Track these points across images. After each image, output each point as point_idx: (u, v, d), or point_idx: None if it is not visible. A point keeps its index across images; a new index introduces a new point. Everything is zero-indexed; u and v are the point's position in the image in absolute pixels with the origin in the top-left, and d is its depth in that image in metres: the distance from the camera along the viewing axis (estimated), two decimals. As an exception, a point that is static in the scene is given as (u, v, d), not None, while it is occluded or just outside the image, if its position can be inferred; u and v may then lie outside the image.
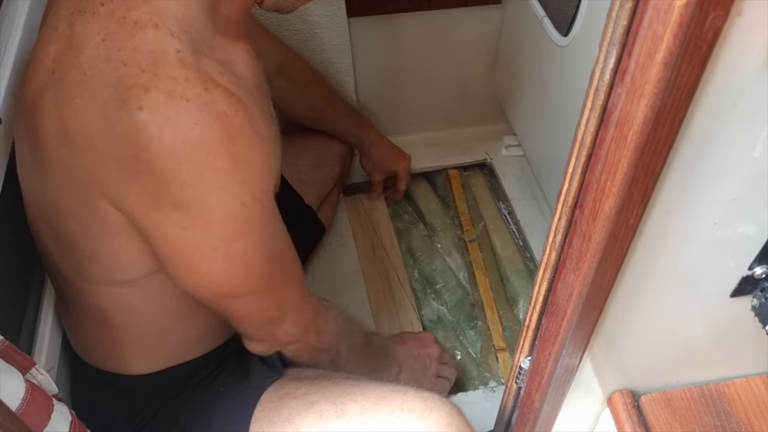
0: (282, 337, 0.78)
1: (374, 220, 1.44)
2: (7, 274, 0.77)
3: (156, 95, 0.56)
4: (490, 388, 1.18)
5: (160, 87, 0.56)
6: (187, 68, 0.58)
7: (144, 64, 0.57)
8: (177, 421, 0.82)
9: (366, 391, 0.79)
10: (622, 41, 0.40)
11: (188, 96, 0.57)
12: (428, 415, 0.75)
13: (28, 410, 0.53)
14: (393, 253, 1.38)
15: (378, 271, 1.35)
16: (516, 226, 1.42)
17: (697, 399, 0.65)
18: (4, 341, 0.56)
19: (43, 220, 0.70)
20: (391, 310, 1.29)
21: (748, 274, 0.52)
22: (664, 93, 0.37)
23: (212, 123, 0.58)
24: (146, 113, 0.56)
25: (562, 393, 0.64)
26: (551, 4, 1.12)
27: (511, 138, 1.50)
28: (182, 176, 0.58)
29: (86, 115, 0.58)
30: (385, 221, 1.44)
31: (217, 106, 0.58)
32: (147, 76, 0.56)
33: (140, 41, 0.58)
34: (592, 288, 0.50)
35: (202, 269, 0.65)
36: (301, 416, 0.77)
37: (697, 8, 0.33)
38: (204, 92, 0.58)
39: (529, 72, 1.24)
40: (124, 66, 0.57)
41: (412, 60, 1.39)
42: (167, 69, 0.57)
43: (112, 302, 0.74)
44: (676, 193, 0.45)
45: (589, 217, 0.46)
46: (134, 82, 0.56)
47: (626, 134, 0.40)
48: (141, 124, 0.56)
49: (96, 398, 0.84)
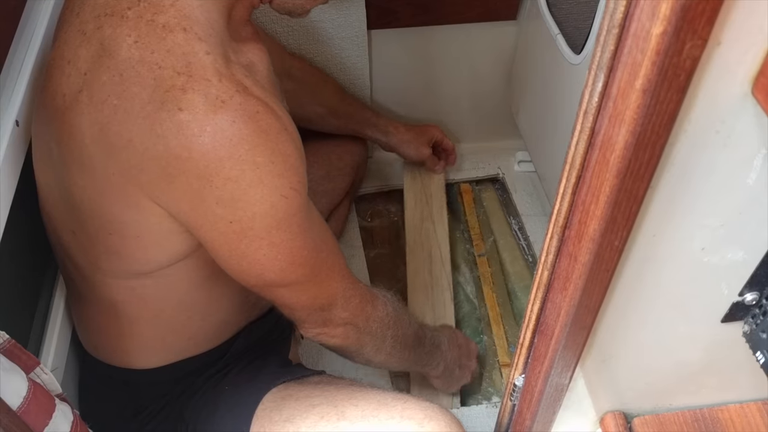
0: (334, 320, 0.79)
1: (428, 192, 1.42)
2: (19, 274, 0.79)
3: (194, 96, 0.59)
4: (493, 404, 1.18)
5: (197, 89, 0.60)
6: (219, 71, 0.61)
7: (178, 66, 0.60)
8: (181, 417, 0.84)
9: (368, 396, 0.79)
10: (609, 65, 0.41)
11: (223, 97, 0.60)
12: (428, 423, 0.76)
13: (30, 409, 0.54)
14: (441, 229, 1.36)
15: (422, 244, 1.33)
16: (526, 242, 1.42)
17: (690, 423, 0.64)
18: (10, 340, 0.57)
19: (64, 216, 0.72)
20: (427, 285, 1.28)
21: (739, 300, 0.52)
22: (644, 119, 0.37)
23: (247, 121, 0.61)
24: (186, 114, 0.59)
25: (552, 412, 0.64)
26: (567, 21, 1.12)
27: (524, 154, 1.50)
28: (225, 172, 0.61)
29: (125, 116, 0.61)
30: (439, 194, 1.41)
31: (249, 106, 0.62)
32: (183, 78, 0.60)
33: (172, 44, 0.61)
34: (579, 309, 0.50)
35: (250, 258, 0.68)
36: (302, 417, 0.78)
37: (674, 37, 0.34)
38: (237, 94, 0.61)
39: (541, 89, 1.25)
40: (159, 68, 0.60)
41: (427, 73, 1.41)
42: (200, 71, 0.60)
43: (127, 295, 0.76)
44: (662, 217, 0.45)
45: (575, 239, 0.47)
46: (171, 84, 0.59)
47: (609, 158, 0.40)
48: (182, 124, 0.59)
49: (103, 393, 0.86)
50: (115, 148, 0.62)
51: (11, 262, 0.76)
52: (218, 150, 0.60)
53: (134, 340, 0.81)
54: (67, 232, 0.74)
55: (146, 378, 0.83)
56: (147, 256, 0.71)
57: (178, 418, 0.84)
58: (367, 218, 1.48)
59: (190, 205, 0.64)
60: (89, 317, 0.82)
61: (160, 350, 0.82)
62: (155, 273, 0.73)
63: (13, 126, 0.73)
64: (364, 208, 1.50)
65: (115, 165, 0.63)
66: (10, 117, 0.74)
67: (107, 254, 0.71)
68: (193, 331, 0.83)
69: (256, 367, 0.87)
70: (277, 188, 0.64)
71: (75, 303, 0.84)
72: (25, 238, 0.80)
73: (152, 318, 0.79)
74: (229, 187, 0.62)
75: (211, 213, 0.64)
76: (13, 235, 0.72)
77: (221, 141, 0.60)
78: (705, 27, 0.33)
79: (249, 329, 0.90)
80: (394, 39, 1.31)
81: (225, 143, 0.60)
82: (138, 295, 0.76)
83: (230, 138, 0.60)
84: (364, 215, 1.49)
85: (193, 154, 0.60)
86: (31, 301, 0.81)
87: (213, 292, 0.80)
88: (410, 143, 1.35)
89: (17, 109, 0.74)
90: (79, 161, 0.65)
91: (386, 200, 1.51)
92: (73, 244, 0.74)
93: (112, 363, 0.83)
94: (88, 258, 0.73)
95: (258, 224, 0.65)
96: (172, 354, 0.83)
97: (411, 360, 0.94)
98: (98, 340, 0.84)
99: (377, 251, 1.43)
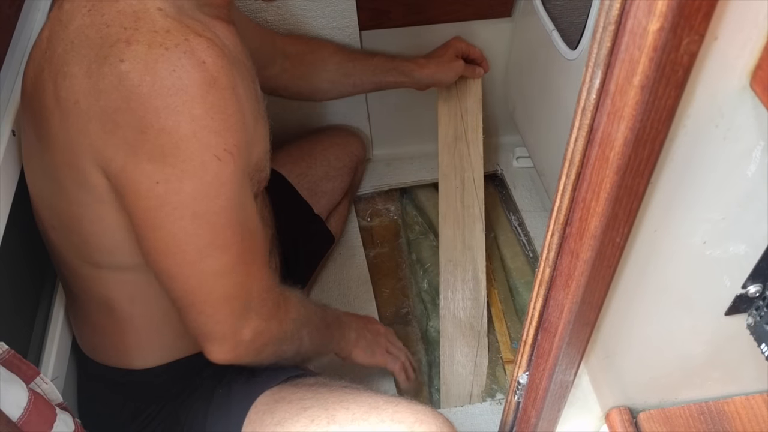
0: (245, 332, 0.73)
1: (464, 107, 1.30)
2: (18, 283, 0.79)
3: (137, 47, 0.59)
4: (497, 401, 1.18)
5: (141, 39, 0.59)
6: (169, 21, 0.61)
7: (126, 22, 0.60)
8: (177, 419, 0.84)
9: (359, 399, 0.79)
10: (606, 62, 0.40)
11: (167, 45, 0.59)
12: (418, 426, 0.75)
13: (30, 419, 0.54)
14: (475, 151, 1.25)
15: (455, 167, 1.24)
16: (526, 237, 1.42)
17: (696, 417, 0.64)
18: (9, 350, 0.57)
19: (46, 209, 0.73)
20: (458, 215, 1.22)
21: (742, 293, 0.52)
22: (642, 115, 0.37)
23: (190, 70, 0.59)
24: (127, 64, 0.58)
25: (557, 409, 0.64)
26: (562, 17, 1.12)
27: (522, 150, 1.49)
28: (160, 122, 0.59)
29: (73, 79, 0.61)
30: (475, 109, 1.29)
31: (197, 54, 0.60)
32: (129, 32, 0.59)
33: (124, 4, 0.61)
34: (582, 305, 0.50)
35: (166, 230, 0.64)
36: (293, 420, 0.77)
37: (671, 33, 0.33)
38: (184, 41, 0.60)
39: (538, 85, 1.24)
40: (107, 27, 0.60)
41: (423, 72, 1.40)
42: (148, 24, 0.60)
43: (117, 290, 0.76)
44: (663, 212, 0.45)
45: (577, 236, 0.47)
46: (117, 38, 0.59)
47: (608, 155, 0.40)
48: (123, 74, 0.58)
49: (102, 397, 0.86)
50: (66, 115, 0.61)
51: (10, 272, 0.76)
52: (154, 98, 0.58)
53: (130, 339, 0.81)
54: (50, 229, 0.74)
55: (144, 378, 0.83)
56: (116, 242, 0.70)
57: (174, 420, 0.84)
58: (366, 218, 1.48)
59: (122, 163, 0.61)
60: (85, 317, 0.82)
61: (156, 348, 0.83)
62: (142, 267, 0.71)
63: (10, 135, 0.73)
64: (363, 208, 1.50)
65: (66, 135, 0.62)
66: (6, 126, 0.73)
67: (83, 243, 0.71)
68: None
69: (251, 369, 0.86)
70: (211, 146, 0.61)
71: (71, 305, 0.84)
72: (23, 248, 0.79)
73: (145, 315, 0.79)
74: (161, 140, 0.59)
75: (140, 171, 0.61)
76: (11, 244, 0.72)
77: (159, 89, 0.58)
78: (702, 22, 0.33)
79: None
80: (387, 39, 1.30)
81: (162, 92, 0.58)
82: (129, 291, 0.76)
83: (168, 87, 0.58)
84: (363, 215, 1.48)
85: (131, 104, 0.59)
86: (30, 311, 0.81)
87: None
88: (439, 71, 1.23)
89: (13, 117, 0.74)
90: (46, 140, 0.65)
91: (385, 200, 1.51)
92: (58, 241, 0.74)
93: (109, 364, 0.83)
94: (70, 252, 0.74)
95: (185, 186, 0.62)
96: (168, 352, 0.83)
97: (328, 341, 0.92)
98: (95, 340, 0.84)
99: (377, 251, 1.43)
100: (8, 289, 0.76)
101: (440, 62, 1.24)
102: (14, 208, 0.72)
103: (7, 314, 0.75)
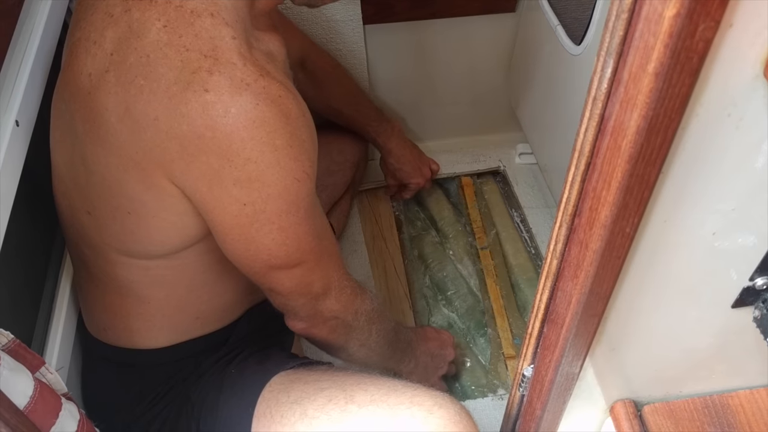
0: (324, 313, 0.81)
1: (377, 212, 1.48)
2: (23, 273, 0.79)
3: (220, 78, 0.61)
4: (498, 396, 1.18)
5: (223, 71, 0.62)
6: (244, 56, 0.64)
7: (205, 49, 0.62)
8: (188, 399, 0.84)
9: (377, 382, 0.80)
10: (618, 51, 0.40)
11: (248, 80, 0.63)
12: (437, 410, 0.76)
13: (36, 408, 0.54)
14: (392, 244, 1.41)
15: (376, 260, 1.39)
16: (528, 234, 1.42)
17: (701, 410, 0.64)
18: (15, 340, 0.57)
19: (82, 195, 0.74)
20: (385, 299, 1.32)
21: (749, 285, 0.52)
22: (656, 103, 0.37)
23: (270, 105, 0.63)
24: (212, 95, 0.61)
25: (563, 401, 0.64)
26: (566, 12, 1.12)
27: (525, 146, 1.49)
28: (246, 153, 0.63)
29: (151, 96, 0.62)
30: (387, 213, 1.47)
31: (272, 90, 0.64)
32: (209, 61, 0.62)
33: (199, 28, 0.63)
34: (590, 296, 0.50)
35: (258, 242, 0.70)
36: (310, 399, 0.78)
37: (687, 19, 0.33)
38: (260, 77, 0.64)
39: (542, 80, 1.24)
40: (186, 51, 0.62)
41: (426, 67, 1.40)
42: (227, 55, 0.63)
43: (140, 275, 0.77)
44: (673, 202, 0.45)
45: (586, 226, 0.47)
46: (198, 66, 0.62)
47: (620, 143, 0.40)
48: (208, 104, 0.61)
49: (109, 378, 0.86)
50: (140, 127, 0.64)
51: (14, 262, 0.76)
52: (241, 131, 0.62)
53: (142, 320, 0.82)
54: (83, 213, 0.75)
55: (152, 359, 0.84)
56: (162, 237, 0.73)
57: (184, 400, 0.84)
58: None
59: (207, 186, 0.66)
60: (98, 298, 0.83)
61: (167, 330, 0.84)
62: (171, 255, 0.75)
63: (13, 126, 0.73)
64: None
65: (138, 143, 0.65)
66: (10, 117, 0.73)
67: (123, 234, 0.73)
68: (201, 311, 0.84)
69: (263, 354, 0.88)
70: (292, 171, 0.67)
71: (85, 285, 0.84)
72: (27, 237, 0.79)
73: (163, 298, 0.81)
74: (248, 168, 0.64)
75: (227, 194, 0.66)
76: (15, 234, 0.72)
77: (244, 122, 0.62)
78: (718, 9, 0.33)
79: (251, 313, 0.92)
80: (392, 34, 1.31)
81: (248, 124, 0.62)
82: (151, 275, 0.78)
83: (253, 120, 0.62)
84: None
85: (217, 134, 0.62)
86: (34, 300, 0.81)
87: (223, 273, 0.81)
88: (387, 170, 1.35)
89: (17, 108, 0.74)
90: (103, 139, 0.66)
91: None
92: (89, 224, 0.75)
93: (118, 344, 0.84)
94: (102, 238, 0.75)
95: (270, 207, 0.67)
96: (178, 334, 0.84)
97: (389, 356, 0.96)
98: (106, 320, 0.84)
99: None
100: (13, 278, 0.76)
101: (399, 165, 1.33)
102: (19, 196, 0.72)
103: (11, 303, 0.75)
